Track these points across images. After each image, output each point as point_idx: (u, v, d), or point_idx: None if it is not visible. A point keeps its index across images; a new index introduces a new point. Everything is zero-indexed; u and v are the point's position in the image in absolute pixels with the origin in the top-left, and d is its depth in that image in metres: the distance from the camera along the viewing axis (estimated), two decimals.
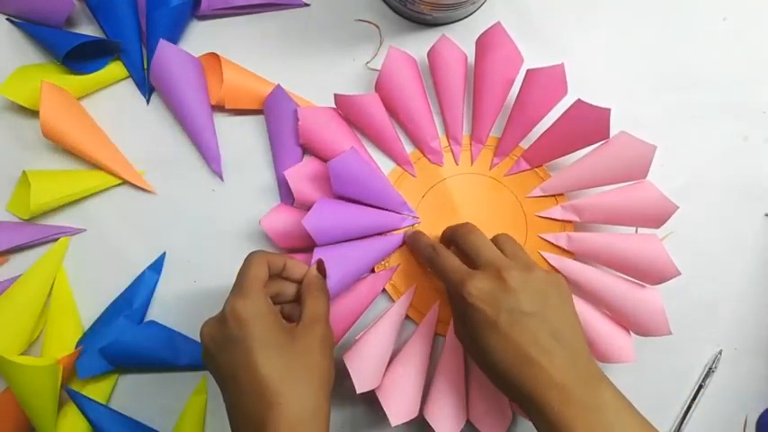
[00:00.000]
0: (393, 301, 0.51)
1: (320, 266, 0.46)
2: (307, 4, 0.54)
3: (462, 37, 0.52)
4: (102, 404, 0.50)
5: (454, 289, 0.42)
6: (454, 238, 0.46)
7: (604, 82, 0.54)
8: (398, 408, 0.47)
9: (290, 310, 0.46)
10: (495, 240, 0.45)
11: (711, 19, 0.55)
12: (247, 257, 0.43)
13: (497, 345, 0.39)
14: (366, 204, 0.50)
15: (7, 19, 0.53)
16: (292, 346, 0.39)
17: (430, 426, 0.47)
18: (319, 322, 0.42)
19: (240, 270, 0.42)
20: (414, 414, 0.47)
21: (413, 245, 0.49)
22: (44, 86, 0.49)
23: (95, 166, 0.52)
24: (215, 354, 0.40)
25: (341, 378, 0.46)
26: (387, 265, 0.51)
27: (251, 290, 0.40)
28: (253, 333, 0.38)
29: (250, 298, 0.40)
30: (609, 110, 0.46)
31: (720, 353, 0.53)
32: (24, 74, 0.51)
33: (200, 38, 0.54)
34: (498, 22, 0.49)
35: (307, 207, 0.48)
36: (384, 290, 0.51)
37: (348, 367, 0.46)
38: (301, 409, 0.38)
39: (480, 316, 0.39)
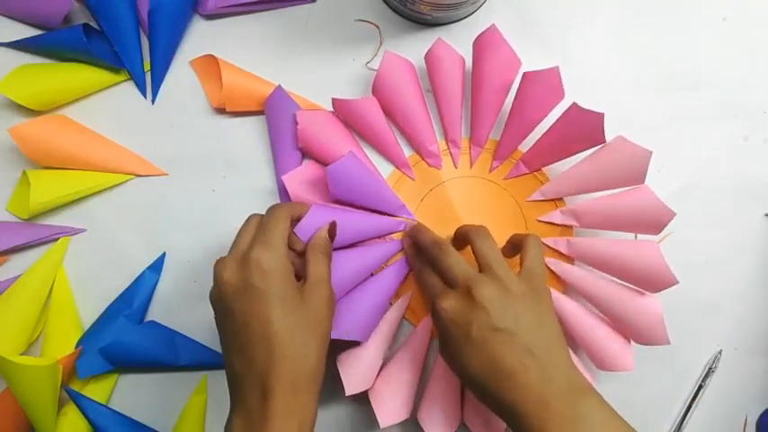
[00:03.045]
0: (390, 303, 0.51)
1: (332, 230, 0.46)
2: (313, 0, 0.54)
3: (462, 37, 0.52)
4: (102, 404, 0.50)
5: (431, 307, 0.43)
6: (428, 255, 0.46)
7: (604, 81, 0.54)
8: (388, 409, 0.47)
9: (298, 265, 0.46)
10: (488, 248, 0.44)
11: (711, 19, 0.55)
12: (273, 210, 0.44)
13: (473, 359, 0.40)
14: (364, 208, 0.50)
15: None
16: (302, 304, 0.41)
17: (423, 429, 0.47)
18: (324, 284, 0.43)
19: (265, 220, 0.43)
20: (404, 416, 0.47)
21: (410, 257, 0.50)
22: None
23: (101, 169, 0.52)
24: (231, 297, 0.41)
25: (335, 377, 0.46)
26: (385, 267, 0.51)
27: (276, 243, 0.41)
28: (273, 288, 0.40)
29: (276, 251, 0.41)
30: (602, 114, 0.46)
31: (720, 353, 0.53)
32: (24, 72, 0.51)
33: (202, 38, 0.54)
34: (493, 24, 0.49)
35: None
36: None
37: (339, 369, 0.46)
38: (304, 364, 0.39)
39: (453, 331, 0.40)
